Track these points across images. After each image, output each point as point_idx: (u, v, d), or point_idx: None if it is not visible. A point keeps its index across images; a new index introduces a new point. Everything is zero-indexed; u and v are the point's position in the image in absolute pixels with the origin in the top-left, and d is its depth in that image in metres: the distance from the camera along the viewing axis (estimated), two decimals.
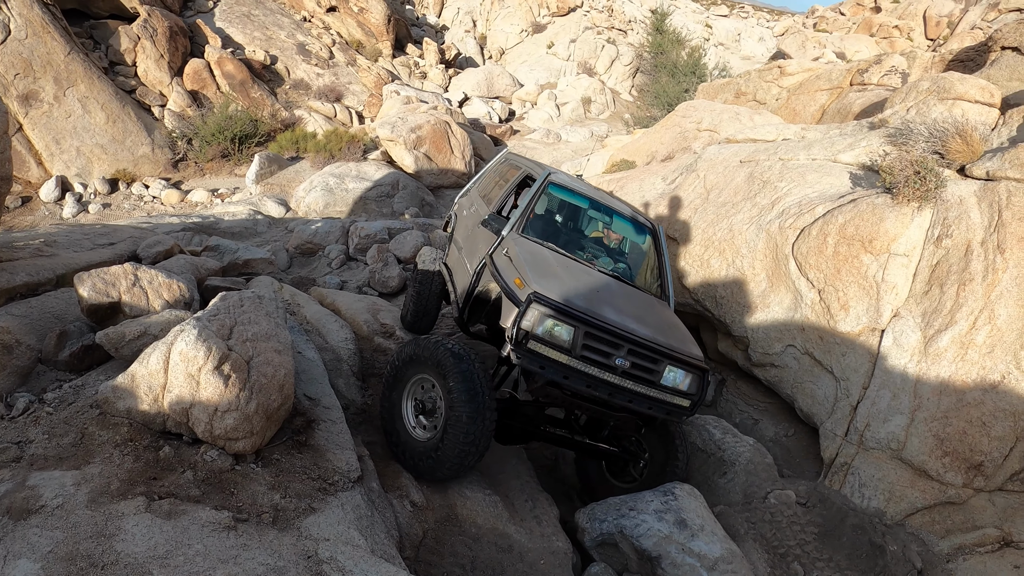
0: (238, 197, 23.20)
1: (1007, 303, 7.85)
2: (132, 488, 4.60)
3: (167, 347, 5.19)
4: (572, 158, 30.60)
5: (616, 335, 6.53)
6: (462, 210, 10.36)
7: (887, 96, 13.78)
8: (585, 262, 7.95)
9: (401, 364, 6.92)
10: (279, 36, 33.79)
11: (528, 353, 6.26)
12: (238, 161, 26.25)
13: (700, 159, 12.11)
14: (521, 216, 7.93)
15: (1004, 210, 8.20)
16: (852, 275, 8.69)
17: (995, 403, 7.66)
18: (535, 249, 7.52)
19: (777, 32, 58.40)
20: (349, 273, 16.16)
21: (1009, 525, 7.47)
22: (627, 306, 7.25)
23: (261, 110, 28.53)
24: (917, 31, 46.31)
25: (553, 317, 6.31)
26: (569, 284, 6.93)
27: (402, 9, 46.69)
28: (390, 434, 6.97)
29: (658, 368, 6.77)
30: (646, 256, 8.99)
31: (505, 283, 6.89)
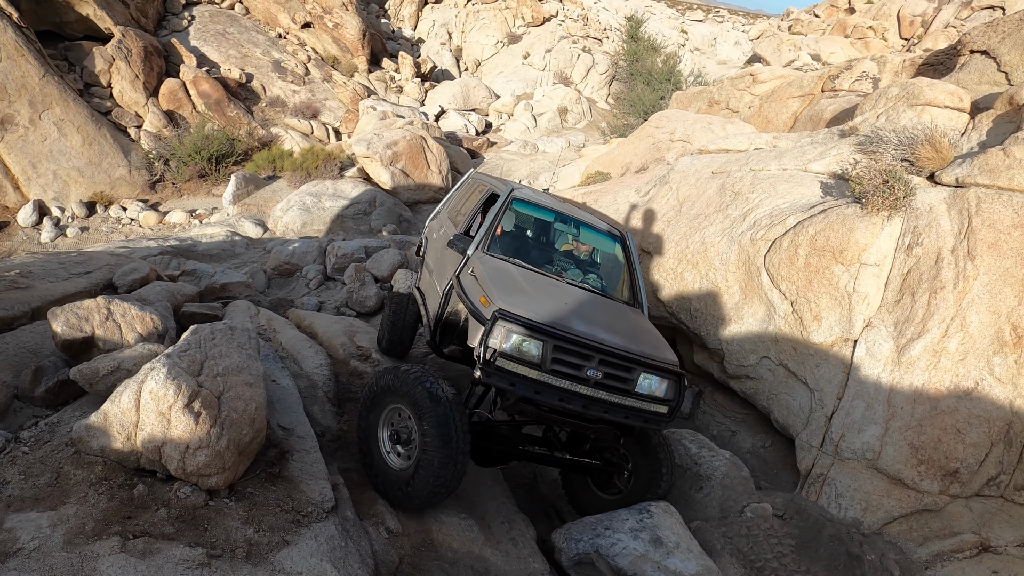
0: (216, 218, 23.17)
1: (979, 310, 7.93)
2: (107, 528, 4.63)
3: (138, 386, 5.20)
4: (549, 169, 30.64)
5: (586, 346, 6.50)
6: (432, 233, 10.33)
7: (858, 102, 13.87)
8: (553, 276, 7.95)
9: (379, 391, 6.82)
10: (254, 53, 33.75)
11: (498, 371, 6.23)
12: (215, 181, 26.20)
13: (673, 171, 12.19)
14: (486, 234, 7.89)
15: (974, 217, 8.27)
16: (824, 286, 8.76)
17: (969, 410, 7.75)
18: (500, 266, 7.50)
19: (752, 36, 58.54)
20: (327, 293, 16.17)
21: (987, 530, 7.54)
22: (597, 316, 7.26)
23: (238, 129, 28.47)
24: (891, 31, 46.62)
25: (520, 333, 6.29)
26: (536, 299, 6.91)
27: (377, 23, 46.70)
28: (365, 456, 6.94)
29: (632, 376, 6.72)
30: (616, 265, 8.97)
31: (471, 302, 6.87)
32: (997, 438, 7.69)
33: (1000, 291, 7.90)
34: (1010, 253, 7.97)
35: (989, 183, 8.50)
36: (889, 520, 7.81)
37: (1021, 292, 7.83)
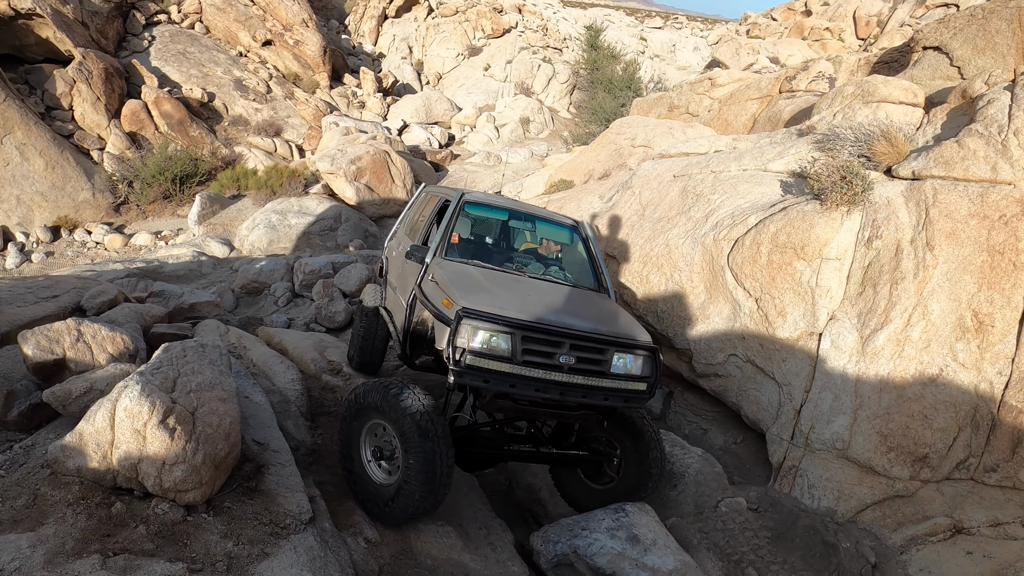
0: (182, 239, 23.10)
1: (940, 298, 8.10)
2: (87, 546, 4.65)
3: (112, 404, 5.22)
4: (513, 179, 30.76)
5: (555, 333, 6.51)
6: (391, 252, 10.26)
7: (815, 102, 14.09)
8: (514, 272, 8.03)
9: (364, 406, 6.74)
10: (216, 73, 33.66)
11: (469, 369, 6.23)
12: (180, 202, 26.12)
13: (635, 176, 12.31)
14: (441, 240, 7.93)
15: (931, 208, 8.45)
16: (787, 282, 8.90)
17: (935, 396, 7.91)
18: (460, 269, 7.53)
19: (711, 41, 59.18)
20: (296, 310, 16.14)
21: (959, 513, 7.69)
22: (563, 304, 7.34)
23: (201, 149, 28.39)
24: (848, 32, 47.28)
25: (487, 328, 6.30)
26: (499, 294, 6.93)
27: (337, 39, 46.72)
28: (346, 462, 6.93)
29: (605, 358, 6.71)
30: (576, 255, 8.98)
31: (434, 306, 6.94)
32: (964, 422, 7.85)
33: (960, 279, 8.07)
34: (968, 241, 8.15)
35: (945, 174, 8.69)
36: (862, 508, 7.94)
37: (980, 279, 8.01)
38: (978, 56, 12.55)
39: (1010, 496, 7.77)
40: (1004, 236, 8.05)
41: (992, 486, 7.85)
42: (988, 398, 7.86)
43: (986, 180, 8.50)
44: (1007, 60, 12.02)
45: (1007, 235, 8.04)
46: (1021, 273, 7.95)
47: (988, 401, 7.86)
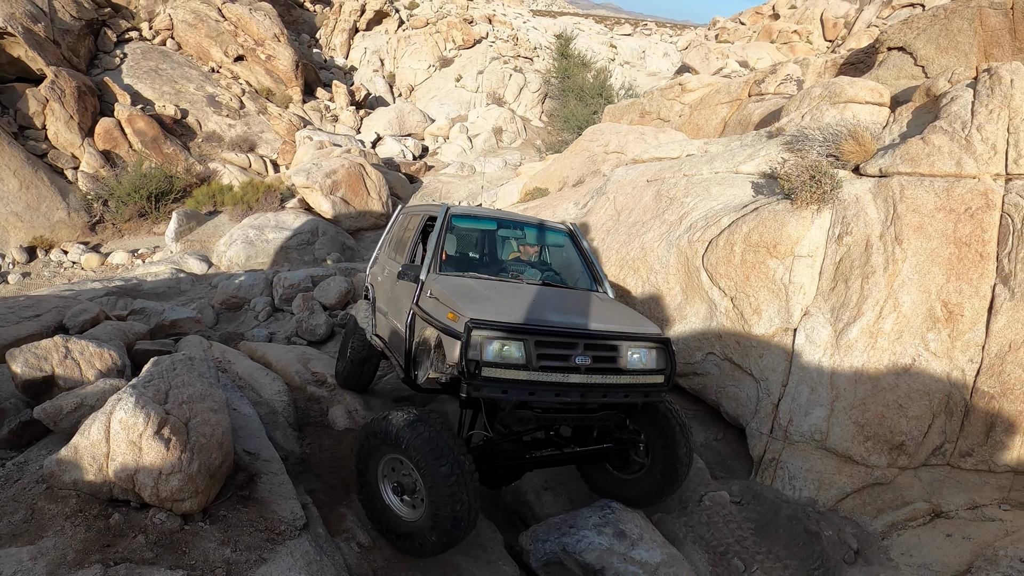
0: (159, 256, 23.12)
1: (910, 290, 8.31)
2: (88, 557, 4.73)
3: (107, 417, 5.31)
4: (487, 189, 30.95)
5: (568, 334, 6.36)
6: (376, 277, 9.99)
7: (784, 104, 14.33)
8: (511, 279, 7.88)
9: (373, 446, 6.42)
10: (188, 89, 33.67)
11: (486, 382, 5.98)
12: (156, 219, 26.15)
13: (609, 182, 12.46)
14: (434, 255, 7.63)
15: (899, 203, 8.68)
16: (761, 280, 9.07)
17: (909, 385, 8.11)
18: (458, 282, 7.30)
19: (681, 46, 59.56)
20: (276, 324, 16.22)
21: (937, 497, 7.87)
22: (568, 306, 7.19)
23: (175, 166, 28.42)
24: (816, 34, 47.71)
25: (499, 337, 6.07)
26: (503, 302, 6.73)
27: (309, 53, 46.77)
28: (370, 510, 6.61)
29: (620, 354, 6.56)
30: (569, 257, 8.87)
31: (439, 322, 6.59)
32: (938, 409, 8.06)
33: (929, 271, 8.29)
34: (935, 235, 8.37)
35: (911, 171, 8.92)
36: (843, 496, 8.10)
37: (949, 270, 8.23)
38: (941, 55, 12.82)
39: (986, 479, 7.97)
40: (970, 228, 8.28)
41: (968, 470, 8.04)
42: (960, 385, 8.06)
43: (951, 175, 8.73)
44: (969, 58, 12.29)
45: (973, 227, 8.27)
46: (988, 263, 8.18)
47: (961, 388, 8.07)
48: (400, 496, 6.45)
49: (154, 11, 37.35)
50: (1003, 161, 8.74)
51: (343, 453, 8.31)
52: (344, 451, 8.35)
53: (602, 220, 11.79)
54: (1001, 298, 8.05)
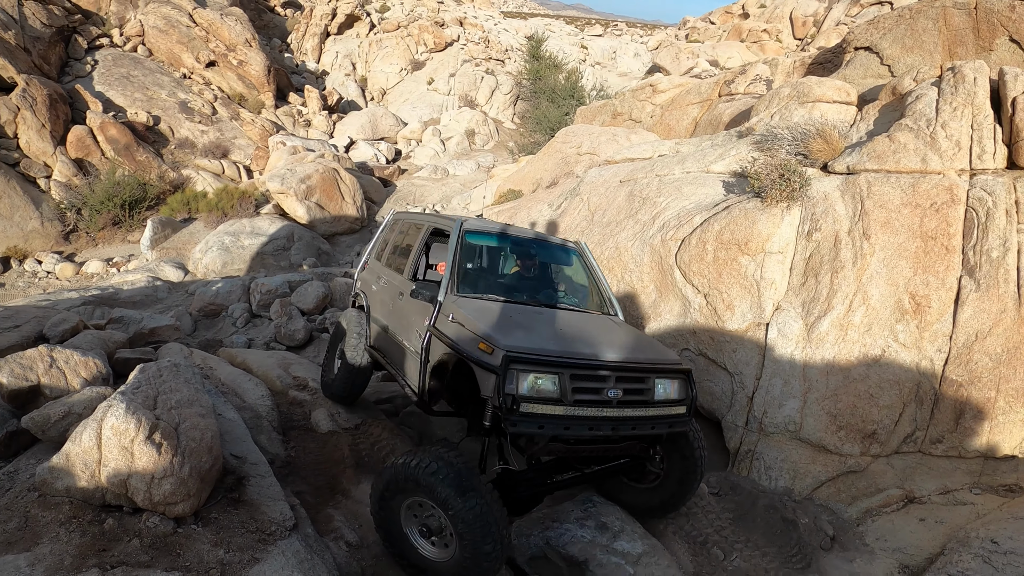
0: (134, 264, 23.06)
1: (878, 283, 8.58)
2: (84, 561, 4.82)
3: (98, 423, 5.39)
4: (461, 191, 31.09)
5: (601, 367, 6.20)
6: (369, 285, 9.65)
7: (753, 104, 14.52)
8: (532, 303, 7.63)
9: (393, 492, 6.13)
10: (160, 95, 33.51)
11: (524, 417, 5.76)
12: (130, 227, 26.04)
13: (582, 183, 12.63)
14: (451, 276, 7.30)
15: (866, 199, 8.94)
16: (733, 277, 9.29)
17: (879, 375, 8.37)
18: (481, 306, 6.97)
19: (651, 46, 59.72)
20: (255, 330, 16.25)
21: (910, 483, 8.11)
22: (593, 334, 6.99)
23: (148, 173, 28.27)
24: (785, 32, 48.04)
25: (535, 371, 5.88)
26: (533, 331, 6.57)
27: (281, 58, 46.69)
28: (398, 555, 6.42)
29: (648, 386, 6.46)
30: (579, 277, 8.70)
31: (468, 352, 6.28)
32: (908, 398, 8.31)
33: (896, 264, 8.54)
34: (902, 229, 8.63)
35: (878, 167, 9.19)
36: (818, 485, 8.33)
37: (916, 264, 8.49)
38: (907, 54, 13.06)
39: (957, 465, 8.23)
40: (936, 222, 8.53)
41: (939, 456, 8.31)
42: (930, 374, 8.32)
43: (917, 171, 8.99)
44: (934, 57, 12.53)
45: (939, 221, 8.52)
46: (954, 256, 8.43)
47: (930, 377, 8.32)
48: (429, 538, 6.21)
49: (125, 17, 37.16)
50: (967, 157, 9.02)
51: (327, 456, 8.41)
52: (328, 454, 8.45)
53: (576, 221, 11.94)
54: (967, 289, 8.30)
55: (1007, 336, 8.15)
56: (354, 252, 25.31)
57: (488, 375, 5.92)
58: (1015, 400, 8.09)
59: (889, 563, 7.15)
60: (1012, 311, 8.16)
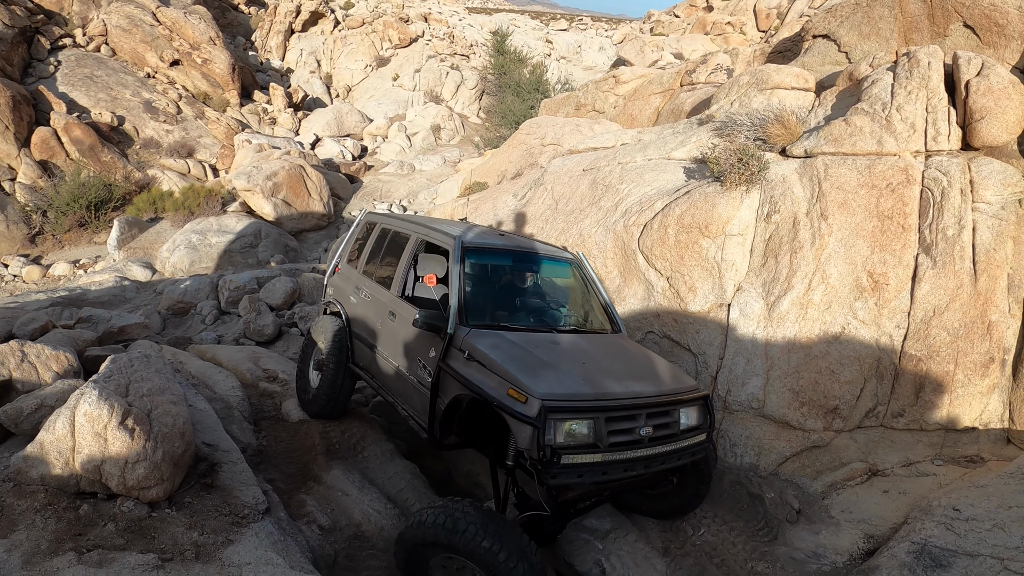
0: (101, 265, 22.95)
1: (836, 263, 8.78)
2: (61, 546, 4.91)
3: (71, 411, 5.46)
4: (428, 186, 31.15)
5: (633, 407, 6.02)
6: (344, 294, 9.15)
7: (714, 92, 14.70)
8: (543, 328, 7.39)
9: (418, 551, 5.81)
10: (124, 95, 33.28)
11: (564, 469, 5.51)
12: (96, 229, 25.90)
13: (546, 172, 12.76)
14: (458, 304, 6.89)
15: (823, 181, 9.15)
16: (695, 259, 9.42)
17: (840, 352, 8.56)
18: (496, 341, 6.57)
19: (616, 40, 59.81)
20: (224, 327, 16.27)
21: (873, 457, 8.29)
22: (613, 365, 6.78)
23: (114, 174, 28.10)
24: (749, 25, 48.41)
25: (571, 419, 5.65)
26: (560, 370, 6.21)
27: (245, 56, 46.48)
28: None
29: (674, 419, 6.34)
30: (582, 292, 8.41)
31: (497, 400, 5.89)
32: (869, 374, 8.51)
33: (854, 244, 8.75)
34: (859, 210, 8.84)
35: (835, 150, 9.42)
36: (783, 460, 8.47)
37: (873, 243, 8.70)
38: (863, 41, 13.27)
39: (919, 438, 8.44)
40: (892, 202, 8.74)
41: (901, 430, 8.51)
42: (889, 350, 8.53)
43: (873, 153, 9.21)
44: (890, 43, 12.74)
45: (895, 201, 8.73)
46: (910, 235, 8.64)
47: (889, 353, 8.53)
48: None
49: (88, 17, 36.88)
50: (922, 139, 9.25)
51: (299, 444, 8.51)
52: (300, 442, 8.55)
53: (540, 210, 12.07)
54: (924, 267, 8.51)
55: (964, 311, 8.36)
56: (321, 248, 25.34)
57: (523, 426, 5.59)
58: (973, 373, 8.30)
59: (854, 534, 7.30)
60: (968, 287, 8.38)
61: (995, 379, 8.37)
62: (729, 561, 7.24)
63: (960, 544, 6.28)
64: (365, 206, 29.92)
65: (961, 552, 6.20)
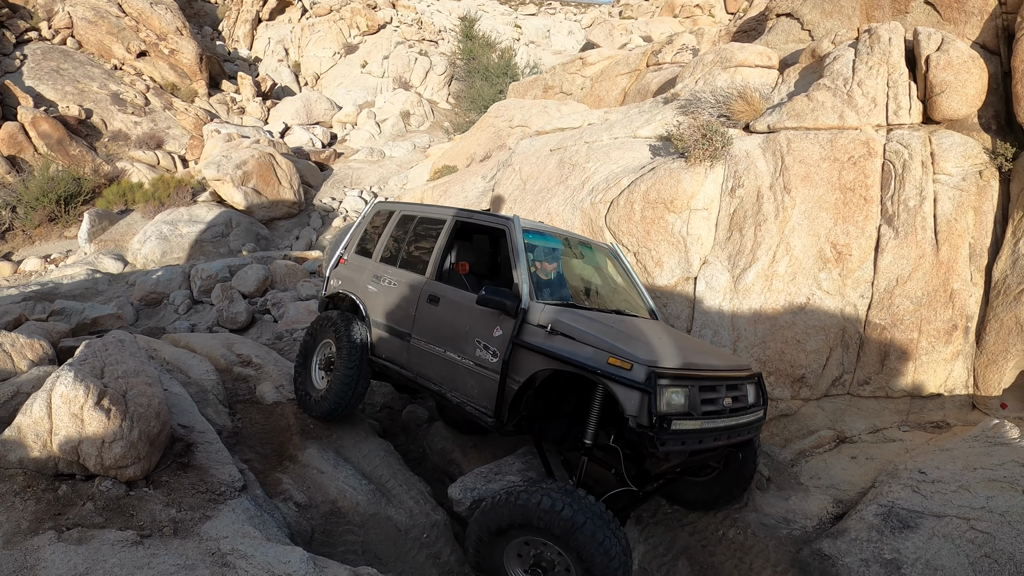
0: (73, 259, 22.82)
1: (800, 235, 8.96)
2: (41, 525, 4.97)
3: (47, 394, 5.52)
4: (398, 172, 31.15)
5: (716, 378, 6.06)
6: (362, 286, 8.55)
7: (679, 72, 14.86)
8: (604, 309, 7.24)
9: (498, 535, 5.67)
10: (91, 88, 33.06)
11: (672, 435, 5.42)
12: (67, 223, 25.75)
13: (514, 154, 12.85)
14: (528, 280, 6.63)
15: (786, 155, 9.33)
16: (661, 234, 9.54)
17: (805, 322, 8.75)
18: (578, 317, 6.40)
19: (585, 24, 59.76)
20: (197, 316, 16.29)
21: (840, 424, 8.48)
22: (680, 342, 6.63)
23: (83, 167, 27.93)
24: (718, 7, 48.40)
25: (673, 386, 5.55)
26: (646, 341, 6.19)
27: (213, 46, 46.23)
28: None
29: (744, 392, 6.37)
30: (621, 279, 8.23)
31: (594, 367, 5.73)
32: (834, 343, 8.71)
33: (817, 216, 8.92)
34: (821, 183, 9.01)
35: (797, 125, 9.59)
36: None
37: (835, 214, 8.89)
38: (826, 19, 13.42)
39: (884, 404, 8.67)
40: (854, 175, 8.92)
41: (867, 397, 8.73)
42: (854, 319, 8.74)
43: (835, 127, 9.39)
44: (852, 21, 12.89)
45: (856, 174, 8.91)
46: (872, 206, 8.82)
47: (854, 322, 8.74)
48: None
49: (53, 10, 36.51)
50: (884, 113, 9.44)
51: (273, 424, 8.58)
52: (274, 423, 8.62)
53: (509, 190, 12.16)
54: (886, 237, 8.70)
55: (926, 280, 8.57)
56: (293, 236, 25.34)
57: (631, 392, 5.48)
58: (937, 340, 8.51)
59: (823, 499, 7.45)
60: (930, 256, 8.59)
61: (958, 346, 8.59)
62: (701, 528, 7.36)
63: (927, 505, 6.46)
64: (336, 194, 29.95)
65: (928, 513, 6.38)
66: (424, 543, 7.10)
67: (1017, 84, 9.04)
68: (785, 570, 6.75)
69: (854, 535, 6.54)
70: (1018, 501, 6.20)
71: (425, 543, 7.10)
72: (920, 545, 6.15)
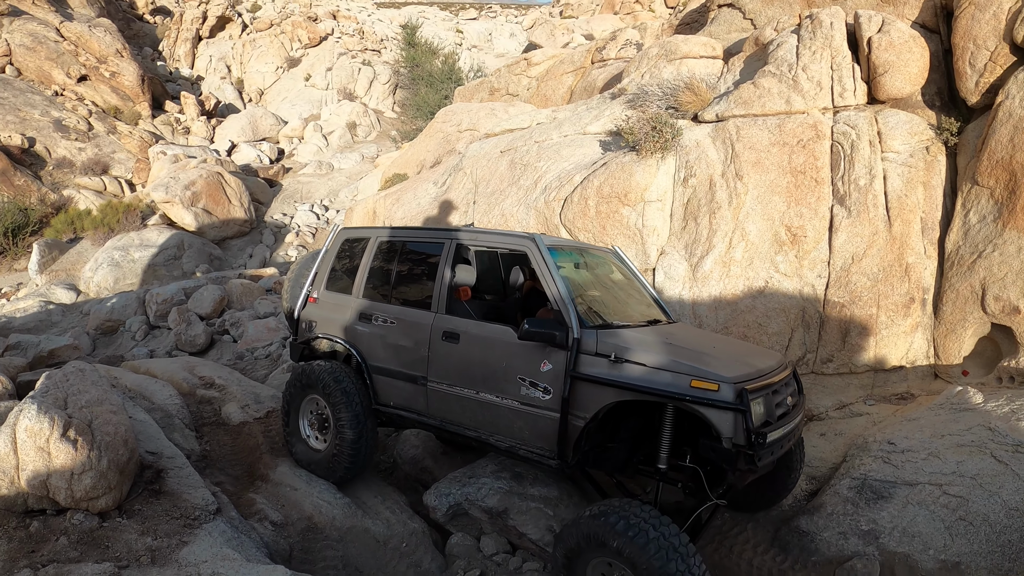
0: (24, 292, 22.51)
1: (754, 220, 9.06)
2: (15, 564, 4.88)
3: (11, 429, 5.41)
4: (348, 184, 31.09)
5: (777, 382, 5.80)
6: (349, 327, 7.73)
7: (625, 67, 14.93)
8: (639, 324, 6.70)
9: (588, 549, 5.37)
10: (33, 115, 32.61)
11: (767, 448, 5.27)
12: (15, 255, 25.42)
13: (465, 158, 12.82)
14: (571, 304, 6.04)
15: (736, 143, 9.43)
16: (617, 228, 9.59)
17: (765, 305, 8.85)
18: (633, 338, 6.02)
19: (527, 26, 60.00)
20: (155, 341, 16.14)
21: (807, 403, 8.50)
22: (727, 347, 6.49)
23: (28, 197, 27.55)
24: (658, 2, 48.83)
25: (755, 398, 5.31)
26: (711, 355, 5.87)
27: (154, 67, 45.80)
28: None
29: (793, 389, 6.19)
30: (629, 284, 7.69)
31: (677, 393, 5.38)
32: (795, 324, 8.82)
33: (770, 200, 9.02)
34: (772, 167, 9.11)
35: (745, 112, 9.69)
36: None
37: (788, 198, 8.99)
38: (767, 7, 13.53)
39: (849, 380, 8.82)
40: (804, 158, 9.03)
41: (831, 375, 8.86)
42: (813, 299, 8.84)
43: (782, 112, 9.50)
44: (793, 7, 13.01)
45: (806, 156, 9.02)
46: (823, 187, 8.94)
47: (813, 302, 8.85)
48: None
49: None
50: (829, 96, 9.58)
51: (242, 445, 8.50)
52: (243, 443, 8.54)
53: (462, 195, 12.14)
54: (839, 217, 8.82)
55: (881, 256, 8.69)
56: (246, 255, 25.23)
57: (723, 414, 5.19)
58: (896, 314, 8.63)
59: None
60: (883, 232, 8.71)
61: (917, 318, 8.71)
62: None
63: (899, 475, 6.59)
64: (287, 209, 29.81)
65: (900, 482, 6.50)
66: (404, 552, 7.07)
67: (958, 60, 9.19)
68: (766, 549, 6.84)
69: (830, 510, 6.65)
70: (988, 464, 6.32)
71: (405, 552, 7.07)
72: (896, 514, 6.27)
